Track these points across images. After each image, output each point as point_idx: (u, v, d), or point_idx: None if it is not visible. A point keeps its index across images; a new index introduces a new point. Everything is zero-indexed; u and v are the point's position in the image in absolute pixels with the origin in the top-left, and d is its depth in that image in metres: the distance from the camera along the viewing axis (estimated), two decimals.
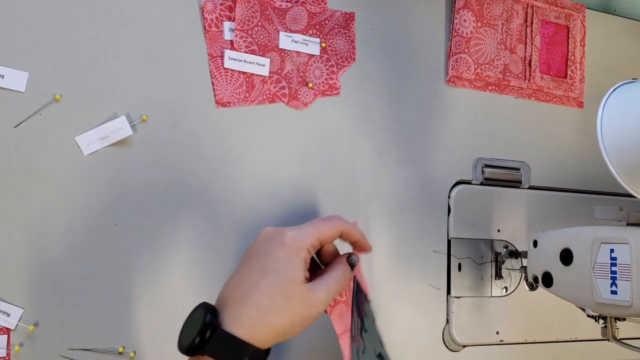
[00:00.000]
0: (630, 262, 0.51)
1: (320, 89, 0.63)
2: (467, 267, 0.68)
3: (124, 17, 0.56)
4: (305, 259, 0.46)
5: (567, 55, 0.76)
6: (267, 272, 0.44)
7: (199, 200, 0.58)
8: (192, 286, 0.57)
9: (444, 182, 0.68)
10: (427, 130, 0.68)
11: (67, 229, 0.54)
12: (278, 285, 0.44)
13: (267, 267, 0.45)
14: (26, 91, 0.53)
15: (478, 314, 0.68)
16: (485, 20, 0.71)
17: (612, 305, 0.52)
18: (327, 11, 0.64)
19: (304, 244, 0.46)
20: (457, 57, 0.69)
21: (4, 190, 0.52)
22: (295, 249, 0.45)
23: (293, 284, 0.44)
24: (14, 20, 0.53)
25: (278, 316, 0.44)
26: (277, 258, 0.45)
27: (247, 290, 0.44)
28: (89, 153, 0.55)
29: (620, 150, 0.54)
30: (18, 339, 0.52)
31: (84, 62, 0.55)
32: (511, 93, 0.73)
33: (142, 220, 0.56)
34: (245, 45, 0.60)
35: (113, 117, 0.55)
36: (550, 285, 0.58)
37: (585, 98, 0.77)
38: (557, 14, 0.75)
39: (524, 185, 0.73)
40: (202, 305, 0.45)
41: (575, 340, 0.73)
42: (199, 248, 0.58)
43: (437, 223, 0.67)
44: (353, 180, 0.64)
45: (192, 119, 0.58)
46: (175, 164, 0.57)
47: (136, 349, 0.55)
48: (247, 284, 0.45)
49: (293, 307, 0.44)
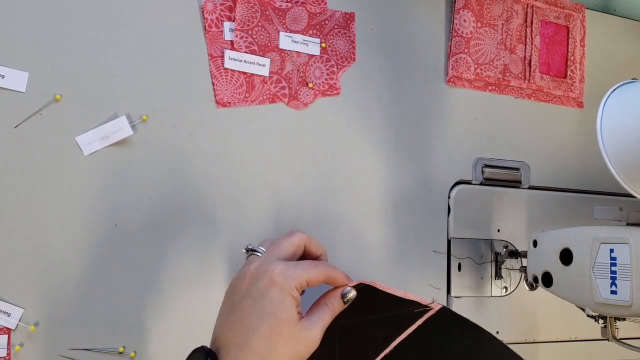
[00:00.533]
0: (630, 262, 0.51)
1: (320, 89, 0.63)
2: (467, 267, 0.68)
3: (124, 17, 0.56)
4: (297, 298, 0.46)
5: (567, 56, 0.76)
6: (263, 314, 0.44)
7: (199, 200, 0.58)
8: (192, 286, 0.57)
9: (444, 182, 0.68)
10: (427, 130, 0.68)
11: (67, 229, 0.54)
12: (275, 328, 0.44)
13: (263, 309, 0.44)
14: (26, 91, 0.53)
15: (478, 314, 0.68)
16: (485, 21, 0.71)
17: (612, 305, 0.52)
18: (327, 11, 0.64)
19: (294, 284, 0.45)
20: (457, 57, 0.69)
21: (4, 190, 0.52)
22: (287, 289, 0.45)
23: (289, 325, 0.44)
24: (14, 20, 0.53)
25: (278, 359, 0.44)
26: (272, 300, 0.44)
27: (245, 335, 0.44)
28: (89, 153, 0.55)
29: (620, 150, 0.54)
30: (18, 339, 0.52)
31: (84, 62, 0.55)
32: (511, 93, 0.73)
33: (142, 220, 0.56)
34: (246, 46, 0.60)
35: (113, 117, 0.55)
36: (550, 285, 0.58)
37: (585, 98, 0.77)
38: (557, 14, 0.75)
39: (524, 185, 0.73)
40: (201, 350, 0.45)
41: (575, 340, 0.73)
42: (199, 248, 0.58)
43: (437, 223, 0.67)
44: (353, 180, 0.64)
45: (192, 119, 0.58)
46: (175, 164, 0.57)
47: (136, 349, 0.55)
48: (245, 328, 0.44)
49: (291, 348, 0.45)
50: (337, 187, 0.63)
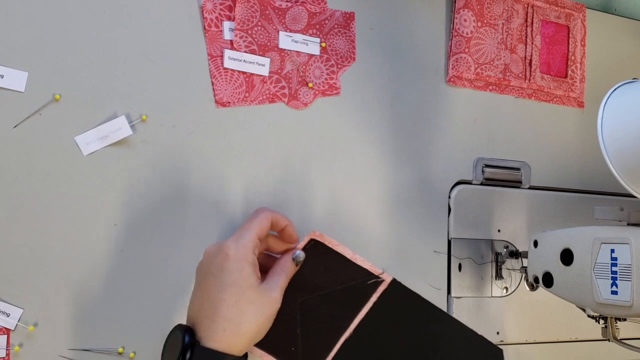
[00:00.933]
0: (631, 262, 0.51)
1: (320, 89, 0.63)
2: (468, 267, 0.68)
3: (123, 17, 0.56)
4: (253, 261, 0.51)
5: (568, 55, 0.76)
6: (225, 285, 0.48)
7: (198, 200, 0.58)
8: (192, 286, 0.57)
9: (444, 182, 0.68)
10: (427, 130, 0.68)
11: (67, 229, 0.54)
12: (240, 295, 0.48)
13: (223, 281, 0.49)
14: (26, 91, 0.53)
15: (478, 314, 0.68)
16: (486, 20, 0.71)
17: (613, 306, 0.52)
18: (327, 11, 0.64)
19: (246, 250, 0.50)
20: (457, 57, 0.69)
21: (4, 190, 0.52)
22: (242, 257, 0.49)
23: (251, 289, 0.49)
24: (13, 20, 0.53)
25: (248, 323, 0.48)
26: (229, 271, 0.49)
27: (213, 307, 0.48)
28: (88, 153, 0.55)
29: (621, 150, 0.54)
30: (18, 339, 0.52)
31: (83, 62, 0.55)
32: (511, 93, 0.73)
33: (142, 220, 0.56)
34: (245, 45, 0.60)
35: (113, 117, 0.55)
36: (550, 286, 0.58)
37: (586, 98, 0.77)
38: (557, 14, 0.75)
39: (524, 185, 0.73)
40: (178, 327, 0.49)
41: (575, 340, 0.73)
42: (198, 248, 0.58)
43: (437, 223, 0.67)
44: (353, 180, 0.64)
45: (192, 119, 0.58)
46: (175, 163, 0.57)
47: (136, 349, 0.55)
48: (211, 300, 0.49)
49: (257, 310, 0.49)
50: (337, 187, 0.63)
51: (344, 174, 0.64)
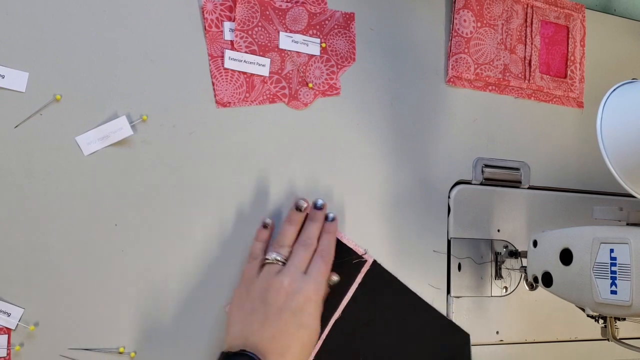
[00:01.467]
0: (630, 262, 0.51)
1: (321, 89, 0.63)
2: (467, 267, 0.68)
3: (124, 17, 0.56)
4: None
5: (567, 56, 0.76)
6: (304, 326, 0.53)
7: (198, 200, 0.58)
8: (192, 286, 0.57)
9: (444, 182, 0.68)
10: (427, 131, 0.68)
11: (67, 229, 0.54)
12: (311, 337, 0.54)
13: (302, 322, 0.53)
14: (26, 91, 0.53)
15: (478, 313, 0.68)
16: (485, 21, 0.71)
17: (612, 305, 0.52)
18: (327, 11, 0.64)
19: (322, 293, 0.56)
20: (457, 57, 0.69)
21: (4, 190, 0.52)
22: (320, 302, 0.55)
23: (316, 334, 0.55)
24: (14, 20, 0.53)
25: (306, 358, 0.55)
26: (310, 314, 0.54)
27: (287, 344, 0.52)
28: (89, 153, 0.55)
29: (620, 150, 0.54)
30: (18, 339, 0.52)
31: (84, 62, 0.55)
32: (511, 93, 0.73)
33: (142, 220, 0.56)
34: (246, 46, 0.60)
35: (113, 117, 0.55)
36: (550, 285, 0.58)
37: (585, 98, 0.77)
38: (556, 14, 0.75)
39: (524, 185, 0.73)
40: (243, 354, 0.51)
41: (575, 340, 0.73)
42: (198, 248, 0.58)
43: (437, 223, 0.67)
44: (353, 180, 0.64)
45: (192, 119, 0.58)
46: (175, 164, 0.57)
47: (136, 349, 0.55)
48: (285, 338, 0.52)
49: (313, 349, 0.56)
50: (337, 187, 0.63)
51: (344, 174, 0.64)
